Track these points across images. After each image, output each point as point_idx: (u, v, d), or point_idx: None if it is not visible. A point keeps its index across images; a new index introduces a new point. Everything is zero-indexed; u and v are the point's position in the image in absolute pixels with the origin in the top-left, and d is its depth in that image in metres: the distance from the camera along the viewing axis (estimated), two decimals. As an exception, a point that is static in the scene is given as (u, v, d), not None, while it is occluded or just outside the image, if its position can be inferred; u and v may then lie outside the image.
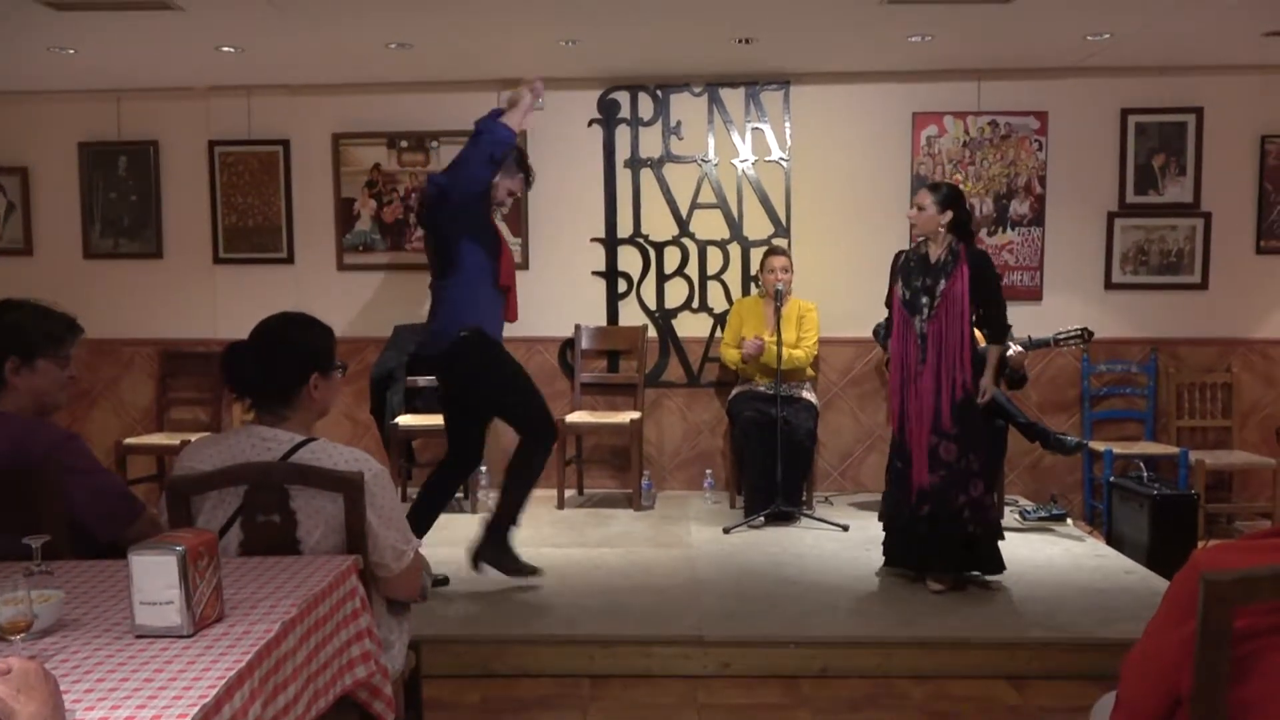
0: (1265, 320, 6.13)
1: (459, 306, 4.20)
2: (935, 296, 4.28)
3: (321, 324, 2.56)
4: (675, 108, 6.19)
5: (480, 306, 4.22)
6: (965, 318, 4.26)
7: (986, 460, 4.41)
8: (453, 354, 4.21)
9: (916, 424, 4.32)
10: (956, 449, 4.27)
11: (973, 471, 4.29)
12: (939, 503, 4.28)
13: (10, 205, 6.37)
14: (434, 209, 4.24)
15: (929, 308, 4.30)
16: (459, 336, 4.18)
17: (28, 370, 2.58)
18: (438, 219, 4.23)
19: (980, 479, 4.31)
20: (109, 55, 5.45)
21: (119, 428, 6.31)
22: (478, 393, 4.33)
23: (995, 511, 4.43)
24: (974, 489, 4.29)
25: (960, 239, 4.33)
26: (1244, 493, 6.09)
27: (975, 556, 4.38)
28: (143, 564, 1.79)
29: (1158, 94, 6.03)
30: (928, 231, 4.35)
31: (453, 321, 4.19)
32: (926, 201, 4.33)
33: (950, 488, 4.27)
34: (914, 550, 4.41)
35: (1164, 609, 1.58)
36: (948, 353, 4.27)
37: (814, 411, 5.66)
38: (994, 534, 4.42)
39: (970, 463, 4.28)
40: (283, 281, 6.27)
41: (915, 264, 4.39)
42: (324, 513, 2.33)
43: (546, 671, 3.79)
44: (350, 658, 2.14)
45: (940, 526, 4.29)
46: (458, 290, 4.20)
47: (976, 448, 4.32)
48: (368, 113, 6.23)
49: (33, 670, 1.35)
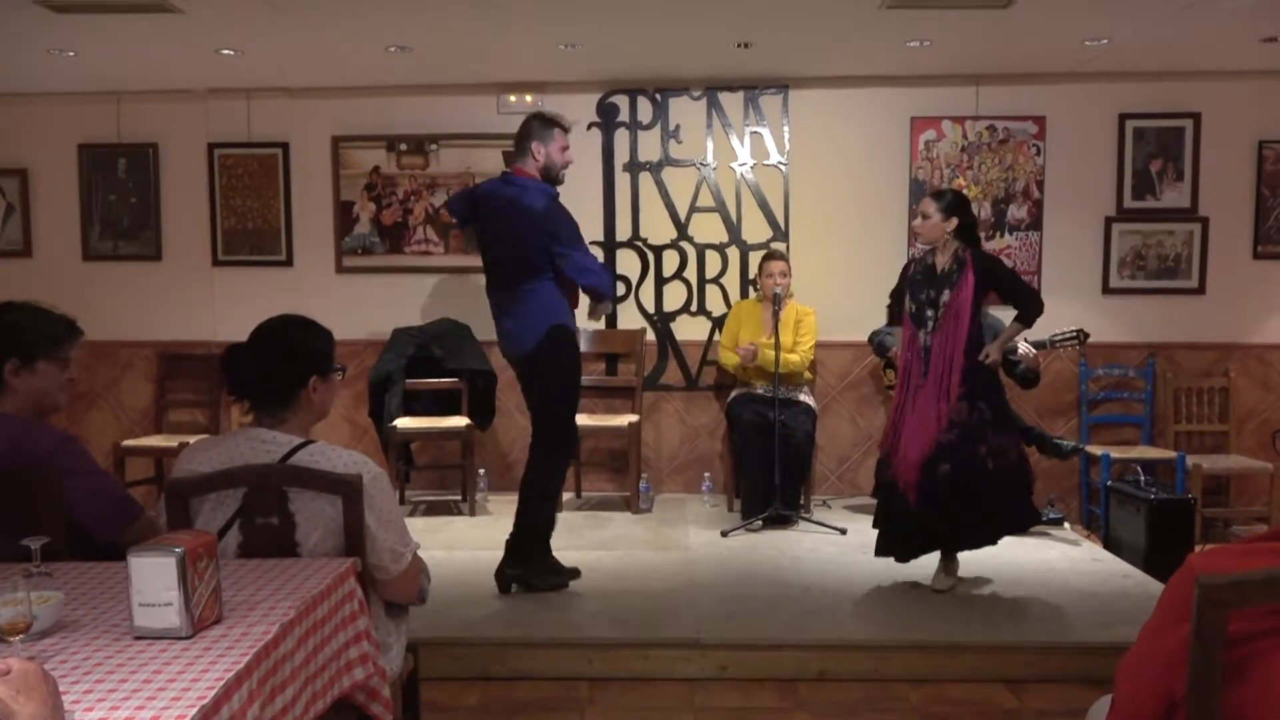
0: (1262, 325, 6.14)
1: (550, 306, 4.26)
2: (939, 308, 4.26)
3: (321, 327, 2.57)
4: (674, 111, 6.20)
5: (565, 305, 4.31)
6: (965, 329, 4.21)
7: (999, 407, 4.31)
8: (542, 349, 4.26)
9: (912, 435, 4.25)
10: (966, 406, 4.18)
11: (986, 420, 4.19)
12: (959, 459, 4.15)
13: (10, 207, 6.38)
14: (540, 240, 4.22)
15: (933, 320, 4.28)
16: (551, 333, 4.25)
17: (28, 372, 2.58)
18: (542, 243, 4.22)
19: (995, 426, 4.21)
20: (109, 57, 5.45)
21: (118, 430, 6.31)
22: (541, 382, 4.36)
23: (1019, 453, 4.28)
24: (991, 436, 4.19)
25: (968, 244, 4.30)
26: (1241, 497, 6.09)
27: (1004, 514, 4.25)
28: (142, 565, 1.79)
29: (1156, 99, 6.04)
30: (934, 240, 4.30)
31: (545, 319, 4.24)
32: (930, 210, 4.28)
33: (967, 441, 4.16)
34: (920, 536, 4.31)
35: (1159, 613, 1.58)
36: (944, 362, 4.23)
37: (812, 415, 5.66)
38: (1023, 480, 4.29)
39: (983, 411, 4.19)
40: (282, 284, 6.27)
41: (921, 275, 4.35)
42: (322, 515, 2.33)
43: (544, 674, 3.80)
44: (348, 660, 2.14)
45: (962, 485, 4.15)
46: (547, 291, 4.25)
47: (986, 395, 4.22)
48: (367, 116, 6.23)
49: (32, 671, 1.36)
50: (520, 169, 4.33)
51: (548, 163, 4.32)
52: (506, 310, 4.36)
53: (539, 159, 4.31)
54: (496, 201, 4.33)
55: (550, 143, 4.31)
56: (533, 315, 4.27)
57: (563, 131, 4.36)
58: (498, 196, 4.33)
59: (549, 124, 4.34)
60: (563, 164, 4.38)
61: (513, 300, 4.31)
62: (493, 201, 4.35)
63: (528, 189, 4.26)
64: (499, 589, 4.40)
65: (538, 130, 4.32)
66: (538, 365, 4.31)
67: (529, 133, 4.33)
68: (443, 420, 5.82)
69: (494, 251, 4.41)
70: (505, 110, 6.18)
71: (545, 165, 4.32)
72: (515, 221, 4.25)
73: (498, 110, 6.18)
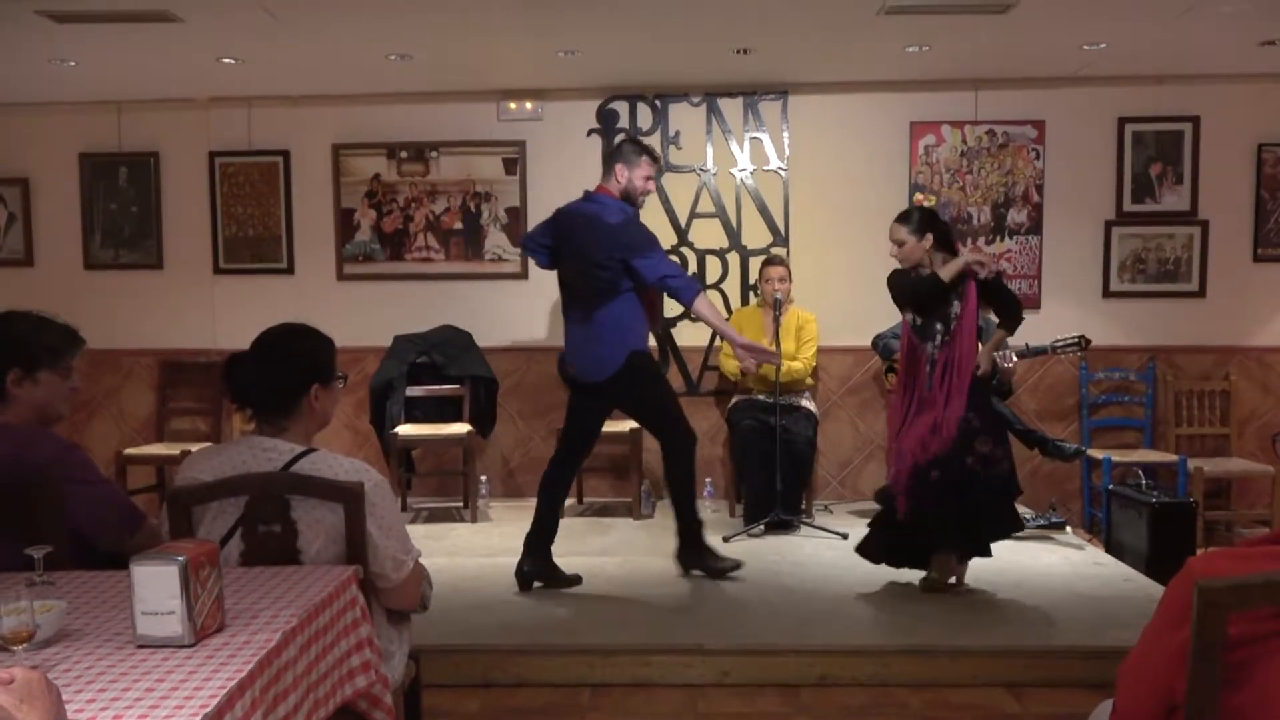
0: (1263, 328, 6.14)
1: (625, 331, 4.35)
2: (950, 321, 4.24)
3: (322, 334, 2.57)
4: (674, 118, 6.21)
5: (639, 328, 4.38)
6: (973, 342, 4.23)
7: (991, 419, 4.33)
8: (621, 376, 4.36)
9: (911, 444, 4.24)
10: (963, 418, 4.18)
11: (975, 429, 4.20)
12: (949, 467, 4.17)
13: (11, 216, 6.39)
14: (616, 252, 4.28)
15: (943, 334, 4.26)
16: (631, 360, 4.35)
17: (30, 382, 2.58)
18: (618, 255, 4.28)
19: (987, 435, 4.23)
20: (109, 67, 5.47)
21: (119, 438, 6.31)
22: (637, 399, 4.54)
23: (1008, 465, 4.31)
24: (981, 445, 4.20)
25: (950, 253, 4.27)
26: (1242, 500, 6.09)
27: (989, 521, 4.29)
28: (144, 574, 1.79)
29: (1155, 103, 6.05)
30: (915, 261, 4.27)
31: (622, 346, 4.34)
32: (903, 234, 4.25)
33: (958, 450, 4.17)
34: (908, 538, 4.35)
35: (1159, 616, 1.59)
36: (956, 376, 4.21)
37: (813, 420, 5.67)
38: (1010, 491, 4.33)
39: (971, 420, 4.20)
40: (283, 292, 6.28)
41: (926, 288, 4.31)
42: (324, 523, 2.34)
43: (546, 681, 3.79)
44: (350, 667, 2.14)
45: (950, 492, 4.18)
46: (622, 310, 4.32)
47: (977, 406, 4.23)
48: (367, 123, 6.25)
49: (35, 680, 1.36)
50: (603, 188, 4.43)
51: (629, 187, 4.40)
52: (583, 331, 4.42)
53: (621, 181, 4.39)
54: (576, 219, 4.41)
55: (635, 169, 4.39)
56: (609, 340, 4.35)
57: (651, 161, 4.44)
58: (578, 214, 4.43)
59: (639, 151, 4.42)
60: (643, 191, 4.45)
61: (589, 321, 4.37)
62: (572, 219, 4.44)
63: (607, 206, 4.36)
64: (519, 586, 4.48)
65: (627, 153, 4.41)
66: (624, 388, 4.42)
67: (618, 154, 4.44)
68: (444, 427, 5.82)
69: (570, 268, 4.46)
70: (505, 117, 6.20)
71: (626, 189, 4.40)
72: (592, 235, 4.32)
73: (498, 117, 6.20)
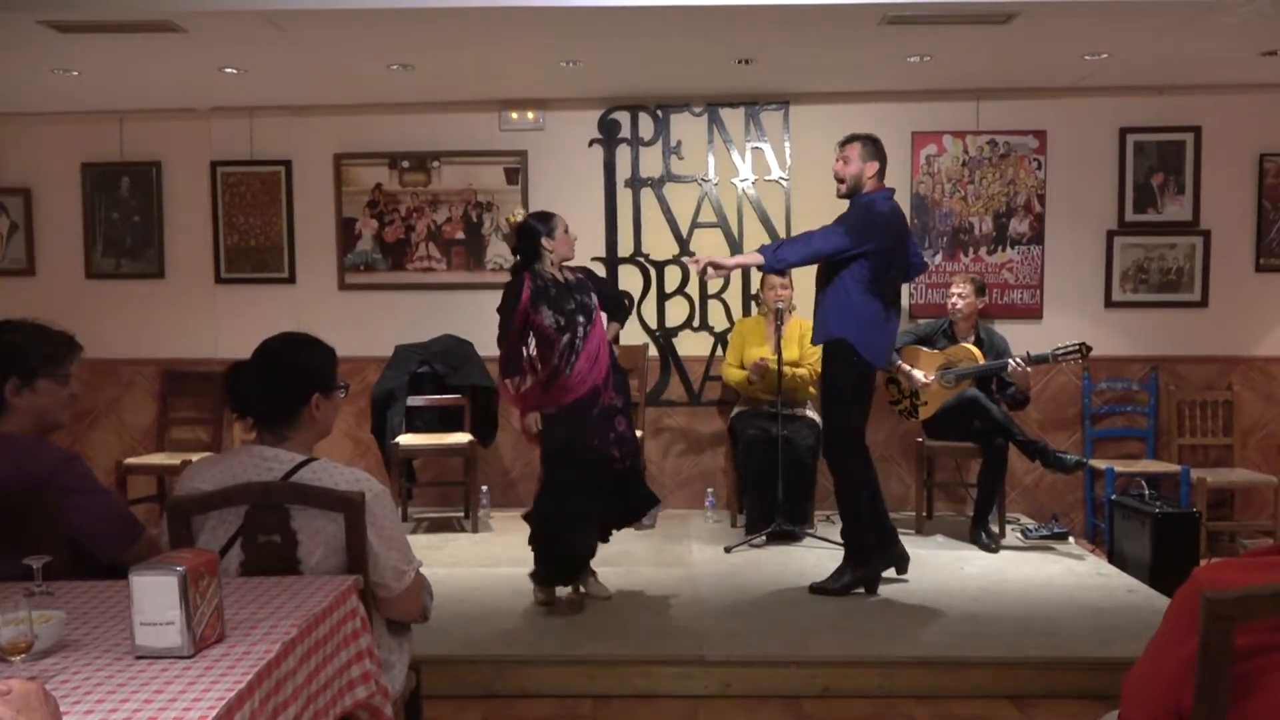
0: (1265, 338, 6.13)
1: (829, 314, 4.49)
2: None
3: (323, 344, 2.56)
4: (675, 128, 6.22)
5: (848, 319, 4.42)
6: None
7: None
8: (824, 356, 4.58)
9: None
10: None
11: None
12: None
13: (13, 225, 6.40)
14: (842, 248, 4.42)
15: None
16: (825, 342, 4.52)
17: (29, 391, 2.58)
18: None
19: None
20: (112, 76, 5.48)
21: (120, 448, 6.31)
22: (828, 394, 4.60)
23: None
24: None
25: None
26: (1246, 511, 6.08)
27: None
28: (144, 584, 1.78)
29: (1156, 113, 6.06)
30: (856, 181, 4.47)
31: (821, 326, 4.53)
32: (854, 153, 4.47)
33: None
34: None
35: (1165, 627, 1.58)
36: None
37: (816, 429, 5.65)
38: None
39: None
40: (284, 301, 6.28)
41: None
42: (324, 533, 2.33)
43: (547, 692, 3.78)
44: (350, 678, 2.13)
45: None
46: (840, 290, 4.44)
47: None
48: (369, 133, 6.26)
49: (34, 691, 1.35)
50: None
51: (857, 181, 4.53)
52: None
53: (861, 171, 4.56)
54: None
55: (868, 161, 4.51)
56: (816, 317, 4.59)
57: (876, 163, 4.53)
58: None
59: (878, 151, 4.54)
60: (869, 188, 4.51)
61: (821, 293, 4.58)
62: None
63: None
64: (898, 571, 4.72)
65: (869, 151, 4.54)
66: (825, 366, 4.59)
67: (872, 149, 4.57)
68: (445, 437, 5.82)
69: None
70: (507, 127, 6.21)
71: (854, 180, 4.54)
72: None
73: (499, 127, 6.21)
